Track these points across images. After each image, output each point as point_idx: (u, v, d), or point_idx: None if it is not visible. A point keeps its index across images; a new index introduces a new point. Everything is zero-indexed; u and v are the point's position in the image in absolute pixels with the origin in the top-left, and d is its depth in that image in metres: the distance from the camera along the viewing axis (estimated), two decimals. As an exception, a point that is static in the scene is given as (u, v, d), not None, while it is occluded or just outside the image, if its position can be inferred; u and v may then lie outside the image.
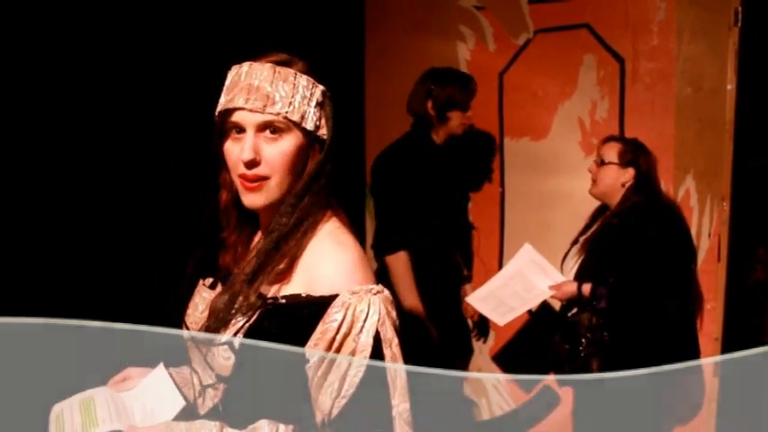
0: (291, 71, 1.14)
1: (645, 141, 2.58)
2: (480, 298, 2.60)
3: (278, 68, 1.13)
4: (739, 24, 2.55)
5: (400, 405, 1.08)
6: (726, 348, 2.71)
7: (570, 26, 2.92)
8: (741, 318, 3.23)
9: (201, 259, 1.30)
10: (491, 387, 3.27)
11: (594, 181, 2.52)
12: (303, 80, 1.15)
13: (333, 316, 1.06)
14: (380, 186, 2.69)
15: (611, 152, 2.45)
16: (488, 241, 3.23)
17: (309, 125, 1.14)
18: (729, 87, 2.59)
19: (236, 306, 1.14)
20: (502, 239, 3.20)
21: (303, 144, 1.15)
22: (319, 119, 1.16)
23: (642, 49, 2.77)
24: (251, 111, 1.11)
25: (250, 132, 1.13)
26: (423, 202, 2.62)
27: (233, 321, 1.14)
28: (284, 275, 1.14)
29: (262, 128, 1.13)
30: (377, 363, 1.07)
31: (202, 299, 1.26)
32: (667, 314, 2.39)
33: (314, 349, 1.07)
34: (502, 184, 3.19)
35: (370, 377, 1.06)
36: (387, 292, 1.13)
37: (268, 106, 1.11)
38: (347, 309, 1.06)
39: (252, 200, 1.15)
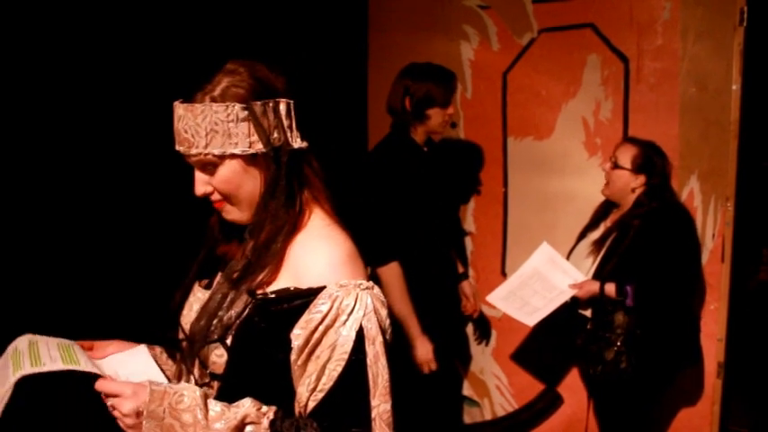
0: (199, 106, 1.12)
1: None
2: (502, 297, 2.57)
3: (189, 107, 1.13)
4: (744, 24, 2.54)
5: (381, 405, 1.07)
6: (729, 349, 2.71)
7: (574, 26, 2.91)
8: (745, 318, 3.23)
9: (202, 262, 1.31)
10: (493, 387, 3.27)
11: (607, 182, 2.53)
12: (214, 108, 1.12)
13: (318, 307, 1.07)
14: (365, 193, 2.55)
15: (625, 156, 2.46)
16: (491, 241, 3.22)
17: (239, 148, 1.13)
18: (734, 87, 2.58)
19: (224, 305, 1.15)
20: (505, 239, 3.19)
21: (244, 164, 1.16)
22: (249, 134, 1.13)
23: (647, 48, 2.76)
24: (184, 154, 1.16)
25: (196, 170, 1.18)
26: (410, 208, 2.53)
27: (224, 320, 1.14)
28: (274, 274, 1.15)
29: (199, 165, 1.17)
30: (358, 359, 1.06)
31: (197, 299, 1.27)
32: (684, 312, 2.48)
33: (297, 338, 1.07)
34: (505, 184, 3.18)
35: (350, 373, 1.05)
36: (377, 289, 1.13)
37: (191, 148, 1.14)
38: (333, 301, 1.06)
39: (225, 217, 1.22)
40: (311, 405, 1.07)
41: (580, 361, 2.65)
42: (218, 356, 1.15)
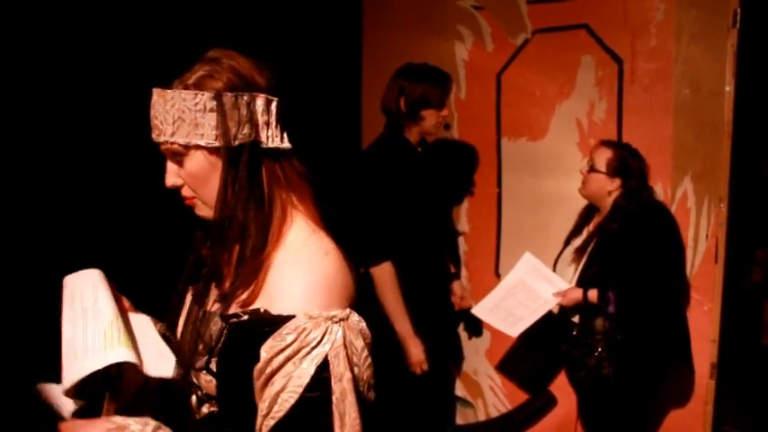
0: (170, 92, 1.09)
1: (643, 142, 2.59)
2: (487, 309, 2.58)
3: (161, 93, 1.10)
4: (738, 26, 2.54)
5: None
6: (722, 350, 2.71)
7: (569, 26, 2.91)
8: (738, 319, 3.24)
9: (192, 267, 1.26)
10: (487, 388, 3.27)
11: (584, 183, 2.54)
12: (182, 95, 1.08)
13: (283, 336, 1.01)
14: (359, 193, 2.54)
15: (601, 159, 2.47)
16: (485, 242, 3.22)
17: (204, 140, 1.08)
18: (728, 89, 2.58)
19: (202, 325, 1.13)
20: (499, 240, 3.19)
21: (212, 158, 1.10)
22: (217, 127, 1.08)
23: (641, 49, 2.76)
24: (154, 142, 1.13)
25: (168, 160, 1.14)
26: (404, 208, 2.52)
27: (204, 343, 1.12)
28: (254, 293, 1.09)
29: (169, 155, 1.13)
30: (318, 396, 1.00)
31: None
32: (669, 314, 2.47)
33: (259, 363, 1.02)
34: (499, 185, 3.18)
35: (305, 408, 1.00)
36: (354, 318, 1.06)
37: (159, 135, 1.10)
38: (299, 333, 1.00)
39: (197, 213, 1.17)
40: (263, 430, 1.02)
41: (566, 366, 2.67)
42: (207, 381, 1.12)
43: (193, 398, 1.22)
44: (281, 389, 1.00)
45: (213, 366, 1.11)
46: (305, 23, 3.04)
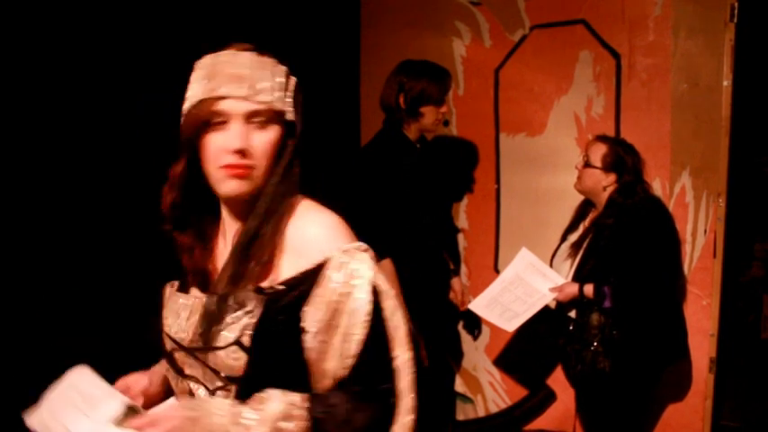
0: (270, 60, 1.14)
1: (641, 137, 2.59)
2: (483, 305, 2.58)
3: (260, 58, 1.13)
4: (735, 20, 2.54)
5: (402, 356, 1.07)
6: (721, 345, 2.71)
7: (566, 22, 2.91)
8: (737, 314, 3.24)
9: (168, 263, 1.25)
10: (486, 384, 3.27)
11: (579, 178, 2.54)
12: (280, 69, 1.15)
13: (331, 278, 1.06)
14: (358, 189, 2.53)
15: (596, 155, 2.47)
16: (484, 238, 3.22)
17: (289, 115, 1.15)
18: (726, 83, 2.58)
19: (230, 306, 1.09)
20: (497, 236, 3.19)
21: (283, 134, 1.15)
22: (295, 110, 1.17)
23: (638, 44, 2.76)
24: (238, 99, 1.09)
25: (238, 122, 1.10)
26: (403, 205, 2.53)
27: (231, 321, 1.09)
28: (273, 264, 1.12)
29: (249, 117, 1.10)
30: (376, 319, 1.06)
31: (181, 305, 1.20)
32: (664, 309, 2.46)
33: (314, 314, 1.06)
34: (497, 181, 3.18)
35: (373, 334, 1.06)
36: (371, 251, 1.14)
37: (256, 95, 1.10)
38: (341, 269, 1.07)
39: (234, 187, 1.12)
40: (341, 374, 1.06)
41: (563, 361, 2.67)
42: (235, 360, 1.09)
43: (199, 392, 1.18)
44: (349, 325, 1.05)
45: (245, 342, 1.08)
46: (303, 20, 3.03)
